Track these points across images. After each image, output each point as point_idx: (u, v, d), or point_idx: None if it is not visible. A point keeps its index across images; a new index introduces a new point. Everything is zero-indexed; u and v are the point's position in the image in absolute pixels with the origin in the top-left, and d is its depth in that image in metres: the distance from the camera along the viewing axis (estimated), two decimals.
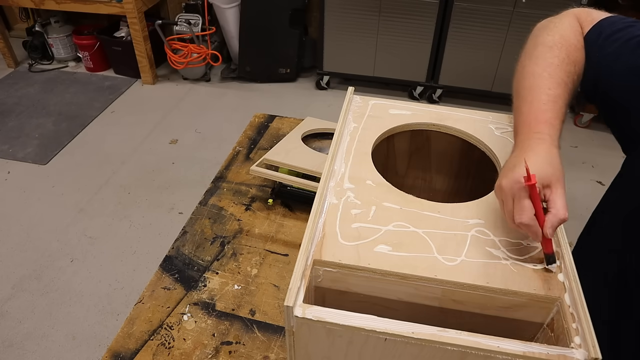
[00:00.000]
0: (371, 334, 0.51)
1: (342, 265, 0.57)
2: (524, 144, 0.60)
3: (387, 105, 0.86)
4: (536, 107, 0.62)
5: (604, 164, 2.46)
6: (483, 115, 0.83)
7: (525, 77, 0.66)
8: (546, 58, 0.66)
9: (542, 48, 0.67)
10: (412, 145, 0.86)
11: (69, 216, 2.14)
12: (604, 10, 0.72)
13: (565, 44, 0.67)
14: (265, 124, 1.40)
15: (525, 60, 0.69)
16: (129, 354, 0.81)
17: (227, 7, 2.91)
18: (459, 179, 0.89)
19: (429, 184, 0.91)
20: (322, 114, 1.48)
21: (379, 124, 0.81)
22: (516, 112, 0.65)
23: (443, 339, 0.49)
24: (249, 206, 1.11)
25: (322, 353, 0.56)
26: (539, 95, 0.63)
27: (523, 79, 0.66)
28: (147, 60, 3.05)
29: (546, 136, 0.60)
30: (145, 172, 2.41)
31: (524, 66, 0.68)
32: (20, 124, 2.76)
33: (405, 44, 2.75)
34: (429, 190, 0.92)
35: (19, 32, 3.60)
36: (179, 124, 2.78)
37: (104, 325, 1.70)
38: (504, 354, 0.48)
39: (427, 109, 0.85)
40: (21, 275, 1.87)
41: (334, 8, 2.73)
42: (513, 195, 0.56)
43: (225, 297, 0.91)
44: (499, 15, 2.50)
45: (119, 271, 1.89)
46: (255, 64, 3.08)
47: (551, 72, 0.64)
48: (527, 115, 0.63)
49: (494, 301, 0.55)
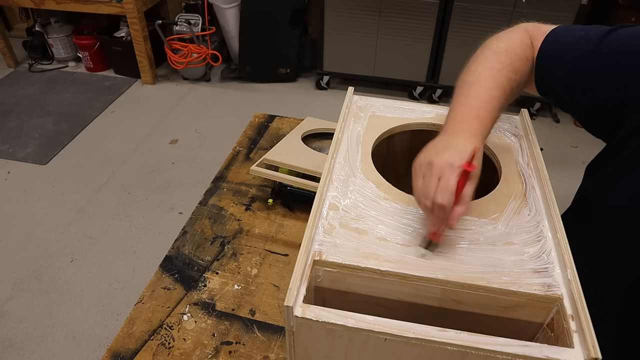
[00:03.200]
0: (371, 334, 0.51)
1: (342, 265, 0.57)
2: (454, 132, 0.62)
3: (387, 105, 0.86)
4: (472, 103, 0.65)
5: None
6: None
7: (467, 74, 0.70)
8: (490, 61, 0.69)
9: (488, 52, 0.71)
10: (412, 145, 0.86)
11: (69, 216, 2.14)
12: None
13: (511, 53, 0.70)
14: (265, 124, 1.40)
15: (471, 61, 0.72)
16: (129, 354, 0.81)
17: (227, 7, 2.91)
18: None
19: None
20: (322, 114, 1.48)
21: (379, 124, 0.81)
22: (453, 103, 0.68)
23: (443, 339, 0.49)
24: (249, 206, 1.11)
25: (322, 353, 0.56)
26: (477, 92, 0.66)
27: (465, 75, 0.70)
28: (147, 60, 3.05)
29: (477, 132, 0.62)
30: (145, 172, 2.41)
31: (469, 66, 0.71)
32: (20, 124, 2.76)
33: (405, 44, 2.74)
34: None
35: (19, 32, 3.60)
36: (179, 124, 2.78)
37: (104, 325, 1.70)
38: (504, 354, 0.48)
39: (427, 109, 0.85)
40: (21, 275, 1.87)
41: (334, 8, 2.72)
42: (440, 174, 0.56)
43: (225, 297, 0.91)
44: (499, 15, 2.50)
45: (119, 271, 1.89)
46: (255, 64, 3.08)
47: (492, 74, 0.67)
48: (464, 107, 0.65)
49: (494, 301, 0.55)
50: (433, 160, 0.58)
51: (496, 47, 0.71)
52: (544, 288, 0.55)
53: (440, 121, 0.82)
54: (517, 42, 0.71)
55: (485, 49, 0.72)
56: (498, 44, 0.71)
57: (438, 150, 0.59)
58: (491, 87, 0.66)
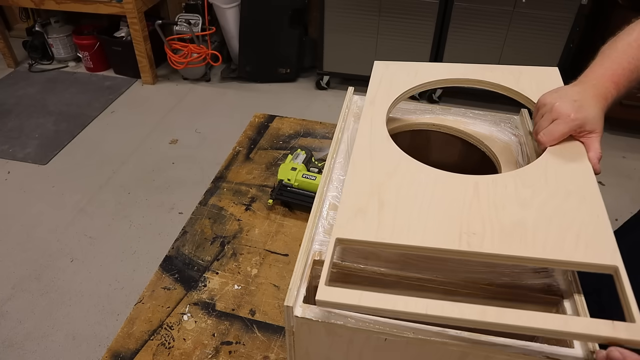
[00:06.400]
0: (371, 334, 0.51)
1: (342, 266, 0.57)
2: (587, 88, 0.66)
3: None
4: (614, 68, 0.67)
5: (604, 164, 2.43)
6: (483, 115, 0.83)
7: (616, 41, 0.71)
8: (638, 32, 0.70)
9: (638, 27, 0.71)
10: (412, 145, 0.86)
11: (69, 216, 2.14)
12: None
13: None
14: (265, 124, 1.40)
15: (620, 33, 0.73)
16: (129, 354, 0.81)
17: (227, 7, 2.91)
18: None
19: None
20: (322, 114, 1.48)
21: None
22: (596, 62, 0.70)
23: (443, 338, 0.49)
24: (249, 206, 1.11)
25: (322, 353, 0.56)
26: (621, 59, 0.68)
27: (614, 42, 0.71)
28: (147, 60, 3.05)
29: (608, 94, 0.66)
30: (145, 172, 2.41)
31: (618, 35, 0.73)
32: (20, 124, 2.76)
33: (405, 44, 2.74)
34: None
35: (19, 32, 3.60)
36: (179, 124, 2.78)
37: (104, 325, 1.70)
38: (504, 354, 0.48)
39: (427, 109, 0.85)
40: (21, 275, 1.87)
41: (334, 8, 2.72)
42: (564, 125, 0.64)
43: (225, 297, 0.91)
44: (499, 15, 2.50)
45: (119, 271, 1.89)
46: (255, 64, 3.08)
47: (627, 49, 0.68)
48: (605, 68, 0.68)
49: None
50: (569, 113, 0.63)
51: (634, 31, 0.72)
52: (544, 288, 0.55)
53: (440, 121, 0.82)
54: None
55: (636, 25, 0.73)
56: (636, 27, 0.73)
57: (575, 107, 0.64)
58: (635, 57, 0.67)
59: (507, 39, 2.56)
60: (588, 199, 0.57)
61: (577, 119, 0.63)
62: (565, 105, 0.64)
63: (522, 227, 0.53)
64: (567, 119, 0.63)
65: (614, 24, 0.70)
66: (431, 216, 0.55)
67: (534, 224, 0.53)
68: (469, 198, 0.57)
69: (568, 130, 0.64)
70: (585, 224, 0.53)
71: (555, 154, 0.64)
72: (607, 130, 2.70)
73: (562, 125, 0.64)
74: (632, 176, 2.39)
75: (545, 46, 2.52)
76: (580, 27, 2.43)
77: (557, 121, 0.64)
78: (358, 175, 0.62)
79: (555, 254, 0.50)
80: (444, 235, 0.53)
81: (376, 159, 0.64)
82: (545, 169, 0.62)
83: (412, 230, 0.54)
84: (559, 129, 0.64)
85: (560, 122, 0.64)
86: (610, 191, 2.26)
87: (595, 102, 0.64)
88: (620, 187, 2.30)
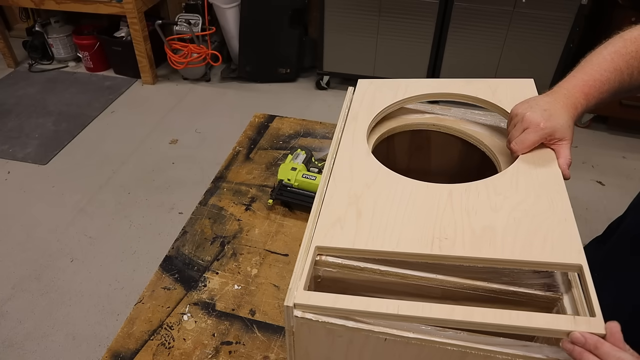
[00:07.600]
0: (371, 334, 0.51)
1: (342, 265, 0.57)
2: (558, 98, 0.68)
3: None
4: (586, 79, 0.69)
5: (604, 164, 2.46)
6: (483, 115, 0.83)
7: (592, 53, 0.73)
8: (615, 45, 0.72)
9: (618, 38, 0.73)
10: (412, 145, 0.86)
11: (69, 216, 2.14)
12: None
13: (639, 42, 0.72)
14: (265, 124, 1.40)
15: (599, 46, 0.74)
16: (129, 354, 0.81)
17: (227, 7, 2.91)
18: (458, 179, 0.89)
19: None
20: (322, 114, 1.48)
21: (379, 124, 0.81)
22: (571, 73, 0.72)
23: (443, 338, 0.49)
24: (249, 206, 1.11)
25: (322, 353, 0.56)
26: (594, 71, 0.69)
27: (591, 55, 0.73)
28: (147, 60, 3.04)
29: (578, 105, 0.68)
30: (145, 172, 2.41)
31: (597, 47, 0.74)
32: (20, 124, 2.76)
33: (405, 44, 2.74)
34: None
35: (19, 32, 3.60)
36: (179, 124, 2.78)
37: (104, 325, 1.70)
38: (504, 354, 0.48)
39: (427, 109, 0.85)
40: (21, 275, 1.87)
41: (334, 8, 2.72)
42: (534, 134, 0.65)
43: (225, 297, 0.91)
44: (499, 15, 2.50)
45: (119, 271, 1.89)
46: (255, 64, 3.08)
47: (614, 58, 0.70)
48: (577, 79, 0.70)
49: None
50: (540, 123, 0.66)
51: (627, 35, 0.73)
52: (544, 288, 0.55)
53: (440, 121, 0.82)
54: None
55: (617, 35, 0.74)
56: (631, 32, 0.73)
57: (546, 116, 0.66)
58: (608, 69, 0.69)
59: (507, 39, 2.56)
60: (556, 202, 0.59)
61: (547, 128, 0.65)
62: (536, 115, 0.66)
63: (492, 231, 0.56)
64: (537, 128, 0.66)
65: (614, 24, 0.70)
66: (406, 223, 0.58)
67: (503, 228, 0.56)
68: (442, 205, 0.60)
69: (538, 139, 0.66)
70: (552, 227, 0.56)
71: (527, 161, 0.66)
72: (607, 130, 2.71)
73: (532, 134, 0.66)
74: (632, 176, 2.39)
75: (545, 46, 2.52)
76: (580, 27, 2.43)
77: (528, 130, 0.66)
78: (338, 187, 0.65)
79: (523, 255, 0.53)
80: (417, 240, 0.56)
81: (356, 172, 0.67)
82: (516, 176, 0.64)
83: (388, 236, 0.57)
84: (530, 138, 0.66)
85: (530, 131, 0.66)
86: (610, 191, 2.26)
87: (564, 111, 0.66)
88: (620, 187, 2.30)
